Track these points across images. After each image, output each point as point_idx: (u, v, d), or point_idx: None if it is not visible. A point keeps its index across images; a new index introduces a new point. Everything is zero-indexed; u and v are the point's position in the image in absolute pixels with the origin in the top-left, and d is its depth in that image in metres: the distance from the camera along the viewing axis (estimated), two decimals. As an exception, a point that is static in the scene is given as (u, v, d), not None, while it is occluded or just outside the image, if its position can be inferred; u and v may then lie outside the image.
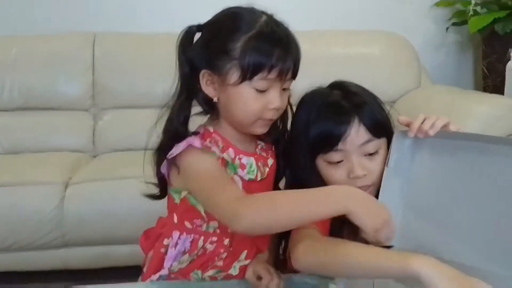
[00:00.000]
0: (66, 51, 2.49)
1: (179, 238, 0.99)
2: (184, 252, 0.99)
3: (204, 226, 0.99)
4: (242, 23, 0.92)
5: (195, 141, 0.93)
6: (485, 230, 0.87)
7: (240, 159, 0.99)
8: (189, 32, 0.97)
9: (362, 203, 0.80)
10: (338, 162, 0.96)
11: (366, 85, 1.05)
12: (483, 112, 1.96)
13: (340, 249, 0.80)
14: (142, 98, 2.46)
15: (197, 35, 0.98)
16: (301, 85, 1.00)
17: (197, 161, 0.92)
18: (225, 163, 0.96)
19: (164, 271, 1.01)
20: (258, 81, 0.91)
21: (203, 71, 0.95)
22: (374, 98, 1.02)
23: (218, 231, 1.00)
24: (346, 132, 0.94)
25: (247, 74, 0.90)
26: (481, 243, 0.87)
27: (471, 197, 0.89)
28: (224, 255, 1.01)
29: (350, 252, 0.79)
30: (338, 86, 1.02)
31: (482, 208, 0.87)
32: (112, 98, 2.48)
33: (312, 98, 1.01)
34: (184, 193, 0.97)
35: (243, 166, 0.99)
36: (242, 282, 1.00)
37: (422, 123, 0.90)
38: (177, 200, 0.98)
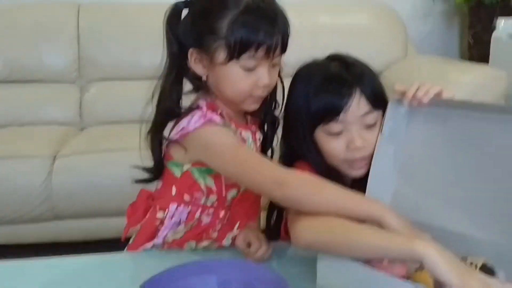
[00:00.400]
0: (50, 22, 2.46)
1: (176, 209, 1.00)
2: (179, 223, 1.00)
3: (203, 199, 1.00)
4: (228, 1, 0.91)
5: (214, 116, 0.93)
6: (476, 197, 0.88)
7: (240, 133, 1.00)
8: (176, 8, 0.96)
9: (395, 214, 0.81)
10: (338, 133, 0.96)
11: (353, 55, 1.05)
12: (468, 82, 1.98)
13: (342, 229, 0.81)
14: (129, 69, 2.45)
15: (184, 11, 0.97)
16: (289, 57, 1.00)
17: (221, 135, 0.93)
18: None
19: (158, 241, 1.02)
20: (246, 59, 0.91)
21: (191, 50, 0.94)
22: (370, 69, 1.02)
23: (215, 204, 1.01)
24: (348, 104, 0.94)
25: (234, 53, 0.90)
26: (471, 210, 0.88)
27: (462, 164, 0.90)
28: (219, 227, 1.03)
29: (353, 233, 0.79)
30: (337, 58, 1.02)
31: (473, 175, 0.88)
32: (98, 70, 2.46)
33: (310, 71, 1.00)
34: (187, 167, 0.98)
35: (244, 141, 1.00)
36: (234, 250, 1.02)
37: (417, 91, 0.91)
38: (178, 174, 0.99)
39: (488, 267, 0.82)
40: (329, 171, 0.98)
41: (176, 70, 0.97)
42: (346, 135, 0.96)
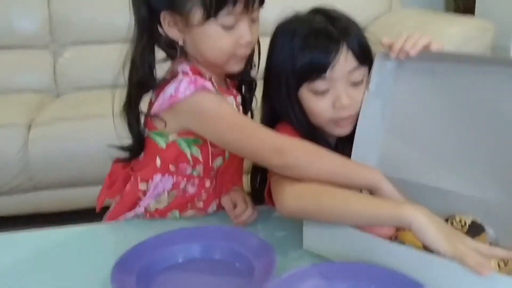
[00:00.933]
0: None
1: (160, 181, 0.96)
2: (163, 192, 0.97)
3: (189, 170, 0.96)
4: None
5: (205, 83, 0.88)
6: (465, 153, 0.86)
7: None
8: None
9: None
10: (324, 91, 0.92)
11: (336, 9, 1.00)
12: (455, 34, 1.96)
13: (329, 197, 0.79)
14: (104, 31, 2.38)
15: None
16: (270, 14, 0.95)
17: (215, 102, 0.89)
18: None
19: (139, 209, 0.99)
20: (224, 16, 0.85)
21: (163, 13, 0.88)
22: (356, 23, 0.97)
23: (202, 174, 0.98)
24: (335, 59, 0.90)
25: (211, 10, 0.84)
26: (460, 167, 0.86)
27: (451, 119, 0.87)
28: (204, 197, 1.00)
29: (340, 201, 0.78)
30: (320, 12, 0.96)
31: (462, 130, 0.86)
32: (72, 33, 2.41)
33: (293, 26, 0.95)
34: (172, 137, 0.93)
35: None
36: (220, 214, 1.00)
37: (404, 43, 0.87)
38: (162, 144, 0.94)
39: (478, 224, 0.83)
40: (313, 131, 0.96)
41: (147, 38, 0.91)
42: (332, 93, 0.92)
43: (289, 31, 0.94)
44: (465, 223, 0.83)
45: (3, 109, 2.06)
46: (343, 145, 0.95)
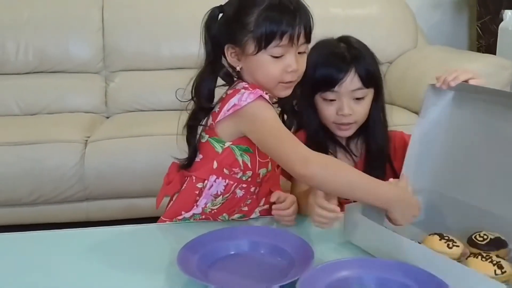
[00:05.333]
0: (76, 14, 2.55)
1: (214, 181, 1.10)
2: (217, 195, 1.11)
3: (240, 174, 1.10)
4: (256, 0, 1.03)
5: (263, 93, 1.04)
6: (498, 177, 0.98)
7: None
8: (213, 14, 1.09)
9: (401, 208, 0.96)
10: (332, 100, 1.18)
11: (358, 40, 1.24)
12: (474, 70, 2.04)
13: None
14: (151, 60, 2.55)
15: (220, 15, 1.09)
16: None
17: (267, 110, 1.04)
18: None
19: (197, 210, 1.12)
20: (273, 48, 1.03)
21: (227, 45, 1.07)
22: (371, 54, 1.22)
23: (249, 179, 1.12)
24: (343, 78, 1.15)
25: (262, 43, 1.02)
26: (494, 188, 0.99)
27: (487, 145, 1.01)
28: (249, 201, 1.14)
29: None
30: (344, 40, 1.22)
31: (496, 157, 0.99)
32: (122, 61, 2.56)
33: (322, 46, 1.21)
34: (228, 144, 1.08)
35: None
36: (262, 219, 1.14)
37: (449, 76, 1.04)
38: (219, 149, 1.09)
39: (501, 240, 0.93)
40: (325, 131, 1.21)
41: (211, 67, 1.10)
42: (338, 103, 1.17)
43: (317, 50, 1.18)
44: (487, 237, 0.93)
45: (61, 126, 2.22)
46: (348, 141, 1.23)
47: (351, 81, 1.15)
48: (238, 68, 1.08)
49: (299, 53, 1.06)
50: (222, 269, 0.92)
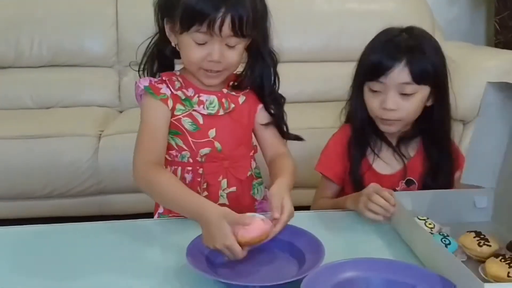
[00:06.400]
0: (90, 9, 2.56)
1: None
2: None
3: (179, 156, 1.10)
4: None
5: (143, 81, 1.08)
6: None
7: (199, 96, 1.09)
8: None
9: (207, 226, 0.89)
10: (377, 91, 1.10)
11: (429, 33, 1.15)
12: (491, 67, 2.03)
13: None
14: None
15: None
16: (316, 41, 1.10)
17: (144, 107, 1.08)
18: (178, 99, 1.08)
19: (160, 209, 1.15)
20: (194, 33, 0.99)
21: (165, 19, 1.05)
22: (435, 50, 1.12)
23: (190, 160, 1.10)
24: (391, 68, 1.07)
25: (184, 24, 0.99)
26: None
27: None
28: (204, 185, 1.11)
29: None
30: (408, 30, 1.14)
31: None
32: (135, 55, 2.55)
33: (383, 33, 1.14)
34: None
35: (201, 103, 1.09)
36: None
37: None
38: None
39: None
40: (372, 122, 1.14)
41: (158, 39, 1.10)
42: (382, 95, 1.09)
43: (377, 36, 1.13)
44: None
45: (75, 120, 2.23)
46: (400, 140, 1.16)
47: (399, 73, 1.07)
48: (173, 44, 1.06)
49: (229, 46, 1.01)
50: (231, 265, 0.90)
